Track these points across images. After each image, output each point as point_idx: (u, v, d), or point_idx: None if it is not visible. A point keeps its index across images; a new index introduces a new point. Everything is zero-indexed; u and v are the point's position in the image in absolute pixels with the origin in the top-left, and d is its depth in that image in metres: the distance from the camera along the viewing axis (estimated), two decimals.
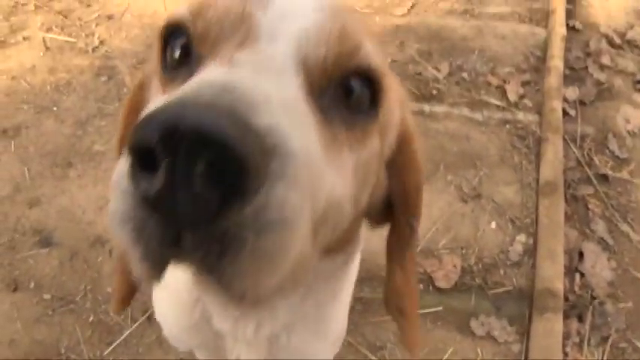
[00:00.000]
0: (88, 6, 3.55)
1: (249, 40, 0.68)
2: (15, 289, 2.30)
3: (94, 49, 3.24)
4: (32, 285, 2.32)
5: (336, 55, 0.71)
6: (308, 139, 0.62)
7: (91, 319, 2.24)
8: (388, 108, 0.79)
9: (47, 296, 2.29)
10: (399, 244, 0.97)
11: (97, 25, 3.42)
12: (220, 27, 0.70)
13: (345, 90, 0.72)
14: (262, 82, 0.59)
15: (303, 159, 0.56)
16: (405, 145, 0.87)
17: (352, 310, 1.67)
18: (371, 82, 0.74)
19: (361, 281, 1.33)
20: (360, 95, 0.73)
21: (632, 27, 3.80)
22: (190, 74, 0.68)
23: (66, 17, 3.43)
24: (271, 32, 0.69)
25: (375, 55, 0.75)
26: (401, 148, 0.87)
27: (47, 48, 3.22)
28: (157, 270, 0.56)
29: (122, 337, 2.17)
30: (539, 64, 3.40)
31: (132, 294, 1.12)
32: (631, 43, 3.71)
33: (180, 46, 0.73)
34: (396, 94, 0.83)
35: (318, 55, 0.69)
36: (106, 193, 2.58)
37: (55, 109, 2.90)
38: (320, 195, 0.62)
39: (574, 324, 2.45)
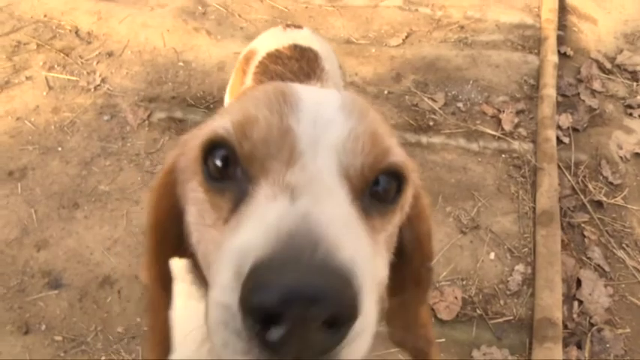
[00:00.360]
0: (89, 43, 3.61)
1: (294, 157, 0.77)
2: (26, 332, 2.34)
3: (95, 88, 3.29)
4: (43, 327, 2.36)
5: (371, 160, 0.80)
6: (366, 248, 0.75)
7: (102, 358, 2.29)
8: (410, 188, 0.91)
9: (58, 338, 2.34)
10: (420, 285, 1.09)
11: (97, 62, 3.47)
12: (266, 146, 0.78)
13: (375, 185, 0.83)
14: (326, 209, 0.70)
15: (371, 270, 0.70)
16: (415, 201, 0.98)
17: None
18: (399, 176, 0.85)
19: None
20: (389, 188, 0.84)
21: (621, 51, 3.89)
22: (241, 192, 0.78)
23: (67, 55, 3.48)
24: (312, 146, 0.78)
25: (400, 152, 0.85)
26: (413, 204, 0.98)
27: (50, 87, 3.28)
28: None
29: None
30: (532, 92, 3.48)
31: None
32: (621, 68, 3.80)
33: (222, 158, 0.81)
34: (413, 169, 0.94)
35: (357, 165, 0.79)
36: (113, 233, 2.64)
37: (59, 149, 2.95)
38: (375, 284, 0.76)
39: (573, 351, 2.50)
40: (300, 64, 1.97)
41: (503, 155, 3.11)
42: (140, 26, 3.67)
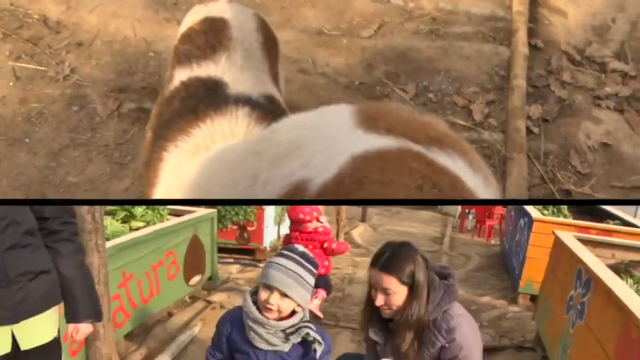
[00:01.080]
0: (58, 32, 3.55)
1: None
2: None
3: (64, 78, 3.24)
4: None
5: None
6: None
7: None
8: None
9: None
10: None
11: (66, 52, 3.42)
12: None
13: None
14: None
15: None
16: None
17: None
18: None
19: None
20: None
21: (590, 44, 3.93)
22: None
23: (35, 45, 3.43)
24: None
25: None
26: None
27: (17, 77, 3.22)
28: None
29: None
30: (503, 82, 3.51)
31: None
32: (590, 59, 3.84)
33: None
34: None
35: None
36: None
37: (27, 140, 2.91)
38: None
39: None
40: (207, 37, 1.86)
41: (473, 145, 3.12)
42: (110, 16, 3.62)
